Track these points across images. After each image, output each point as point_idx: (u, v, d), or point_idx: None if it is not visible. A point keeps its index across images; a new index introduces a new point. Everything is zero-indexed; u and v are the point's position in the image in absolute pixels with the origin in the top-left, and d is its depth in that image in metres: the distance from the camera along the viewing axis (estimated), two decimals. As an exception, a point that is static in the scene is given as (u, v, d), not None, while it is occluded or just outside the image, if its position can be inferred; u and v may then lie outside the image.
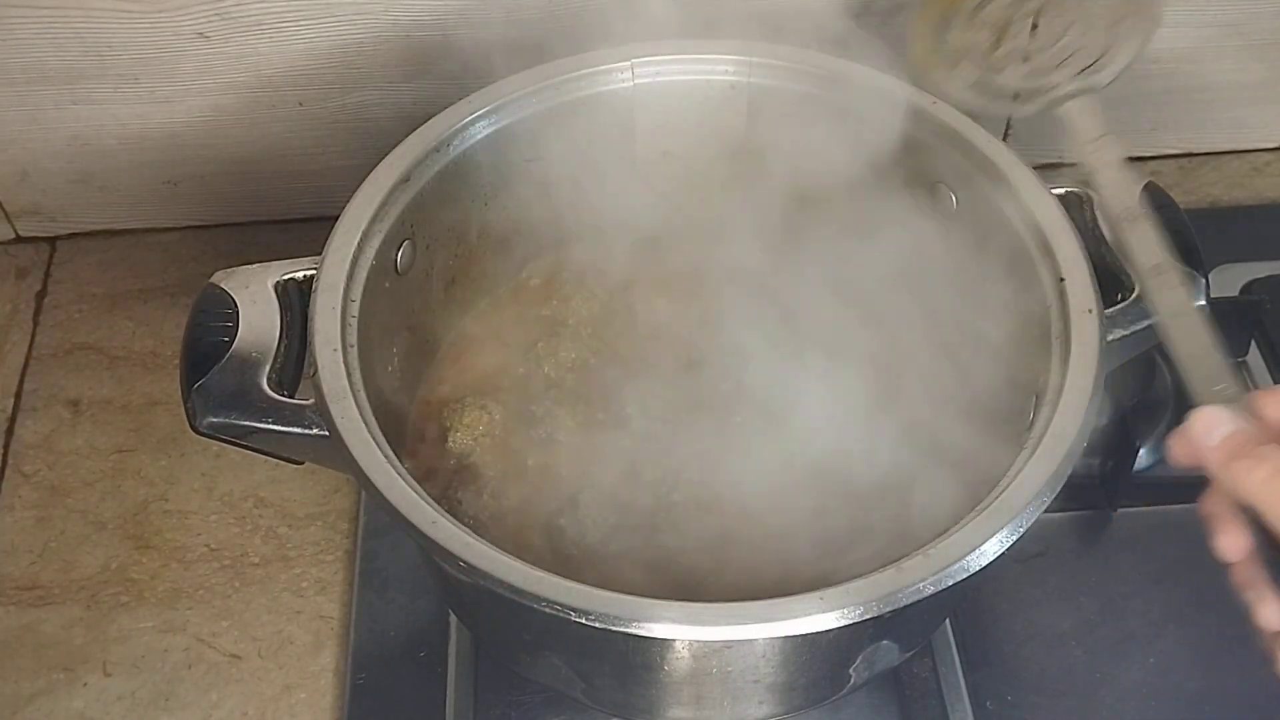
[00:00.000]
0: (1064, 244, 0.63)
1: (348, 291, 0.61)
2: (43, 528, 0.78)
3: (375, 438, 0.57)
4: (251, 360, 0.60)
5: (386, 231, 0.65)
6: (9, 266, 0.91)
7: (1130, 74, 0.88)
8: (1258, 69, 0.90)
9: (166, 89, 0.83)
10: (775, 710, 0.64)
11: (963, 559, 0.52)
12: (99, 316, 0.88)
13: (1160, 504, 0.76)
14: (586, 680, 0.64)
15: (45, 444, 0.82)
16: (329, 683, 0.72)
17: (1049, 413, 0.57)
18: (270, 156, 0.87)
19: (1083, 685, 0.70)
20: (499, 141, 0.69)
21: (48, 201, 0.90)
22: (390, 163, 0.66)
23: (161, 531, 0.78)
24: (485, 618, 0.65)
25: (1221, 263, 0.84)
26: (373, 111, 0.85)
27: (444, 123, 0.68)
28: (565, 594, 0.52)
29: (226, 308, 0.62)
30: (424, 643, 0.72)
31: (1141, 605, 0.73)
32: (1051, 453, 0.56)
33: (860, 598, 0.51)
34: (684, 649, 0.55)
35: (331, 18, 0.79)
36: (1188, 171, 0.95)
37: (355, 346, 0.60)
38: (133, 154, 0.87)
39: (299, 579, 0.76)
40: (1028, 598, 0.73)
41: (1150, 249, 0.58)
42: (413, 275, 0.68)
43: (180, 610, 0.75)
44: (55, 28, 0.78)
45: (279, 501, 0.79)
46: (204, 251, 0.91)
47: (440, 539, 0.53)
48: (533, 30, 0.77)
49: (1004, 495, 0.54)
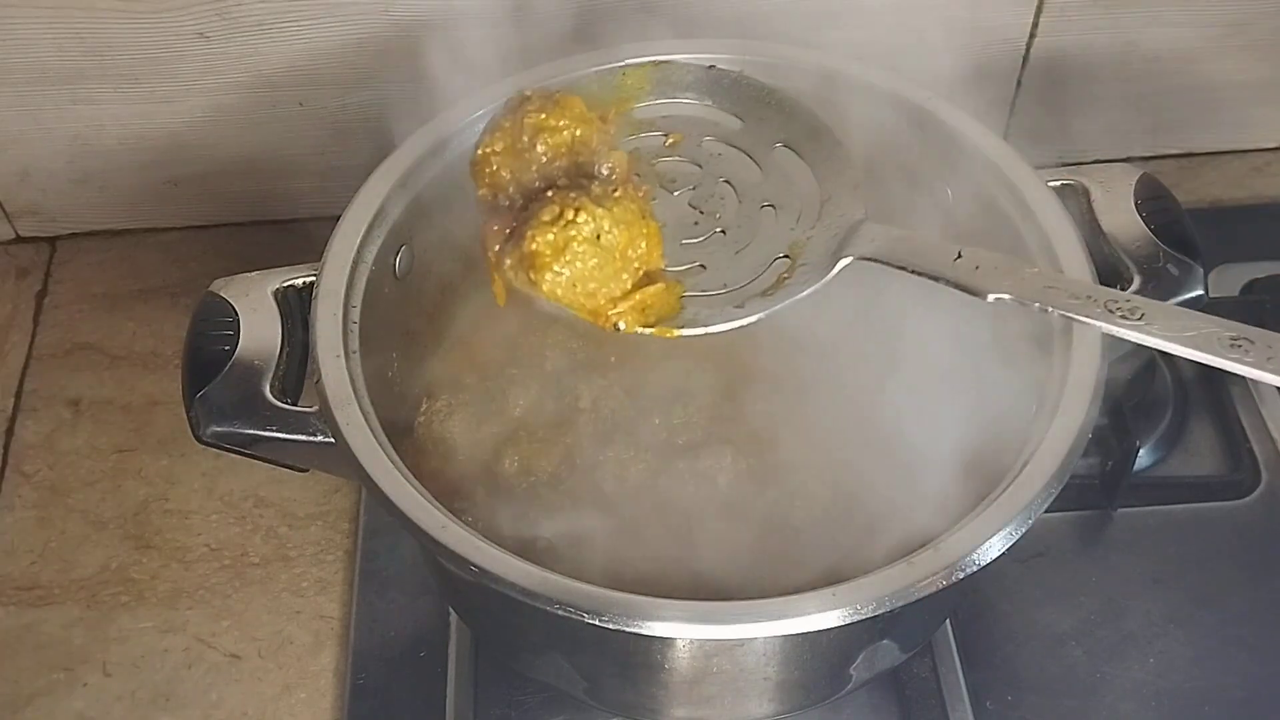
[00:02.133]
0: (1062, 237, 0.63)
1: (348, 297, 0.62)
2: (43, 528, 0.78)
3: (380, 443, 0.57)
4: (253, 368, 0.61)
5: (385, 236, 0.65)
6: (9, 266, 0.91)
7: (1131, 74, 0.89)
8: (1259, 69, 0.90)
9: (167, 89, 0.83)
10: (777, 709, 0.64)
11: (972, 552, 0.53)
12: (99, 316, 0.88)
13: (1160, 504, 0.77)
14: (590, 679, 0.64)
15: (45, 444, 0.82)
16: (329, 683, 0.72)
17: (1051, 408, 0.57)
18: (270, 156, 0.87)
19: (1083, 685, 0.70)
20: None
21: (48, 201, 0.90)
22: (388, 166, 0.66)
23: (162, 531, 0.78)
24: (490, 619, 0.65)
25: (1221, 263, 0.84)
26: (373, 111, 0.85)
27: (442, 125, 0.68)
28: (576, 595, 0.52)
29: (227, 316, 0.62)
30: (424, 643, 0.72)
31: (1141, 605, 0.73)
32: (1058, 442, 0.56)
33: (873, 593, 0.52)
34: (694, 647, 0.55)
35: (332, 17, 0.79)
36: (1188, 171, 0.95)
37: (357, 353, 0.60)
38: (133, 154, 0.87)
39: (299, 579, 0.76)
40: (1028, 598, 0.73)
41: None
42: (411, 280, 0.68)
43: (180, 610, 0.75)
44: (56, 28, 0.78)
45: (279, 501, 0.79)
46: (204, 251, 0.91)
47: (450, 543, 0.54)
48: (532, 30, 0.77)
49: (1010, 490, 0.55)
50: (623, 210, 0.60)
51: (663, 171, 0.65)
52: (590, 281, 0.59)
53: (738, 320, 0.59)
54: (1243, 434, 0.78)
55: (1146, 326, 0.52)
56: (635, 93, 0.68)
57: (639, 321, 0.60)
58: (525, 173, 0.62)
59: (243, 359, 0.61)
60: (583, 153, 0.63)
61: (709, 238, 0.63)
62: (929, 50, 0.83)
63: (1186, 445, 0.79)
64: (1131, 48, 0.87)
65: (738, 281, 0.61)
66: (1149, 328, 0.52)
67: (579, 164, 0.63)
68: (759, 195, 0.64)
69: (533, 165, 0.62)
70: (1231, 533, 0.76)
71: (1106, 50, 0.87)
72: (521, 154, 0.62)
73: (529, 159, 0.62)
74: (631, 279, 0.60)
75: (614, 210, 0.60)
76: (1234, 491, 0.77)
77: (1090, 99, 0.90)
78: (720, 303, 0.60)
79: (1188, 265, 0.64)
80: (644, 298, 0.60)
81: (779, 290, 0.60)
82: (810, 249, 0.61)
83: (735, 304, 0.60)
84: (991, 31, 0.85)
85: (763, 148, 0.65)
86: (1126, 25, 0.86)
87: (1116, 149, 0.94)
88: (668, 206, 0.63)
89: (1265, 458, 0.78)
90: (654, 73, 0.68)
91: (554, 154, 0.62)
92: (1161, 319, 0.52)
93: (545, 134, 0.62)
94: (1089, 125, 0.92)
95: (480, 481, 0.67)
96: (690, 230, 0.63)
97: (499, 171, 0.62)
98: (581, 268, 0.59)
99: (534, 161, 0.62)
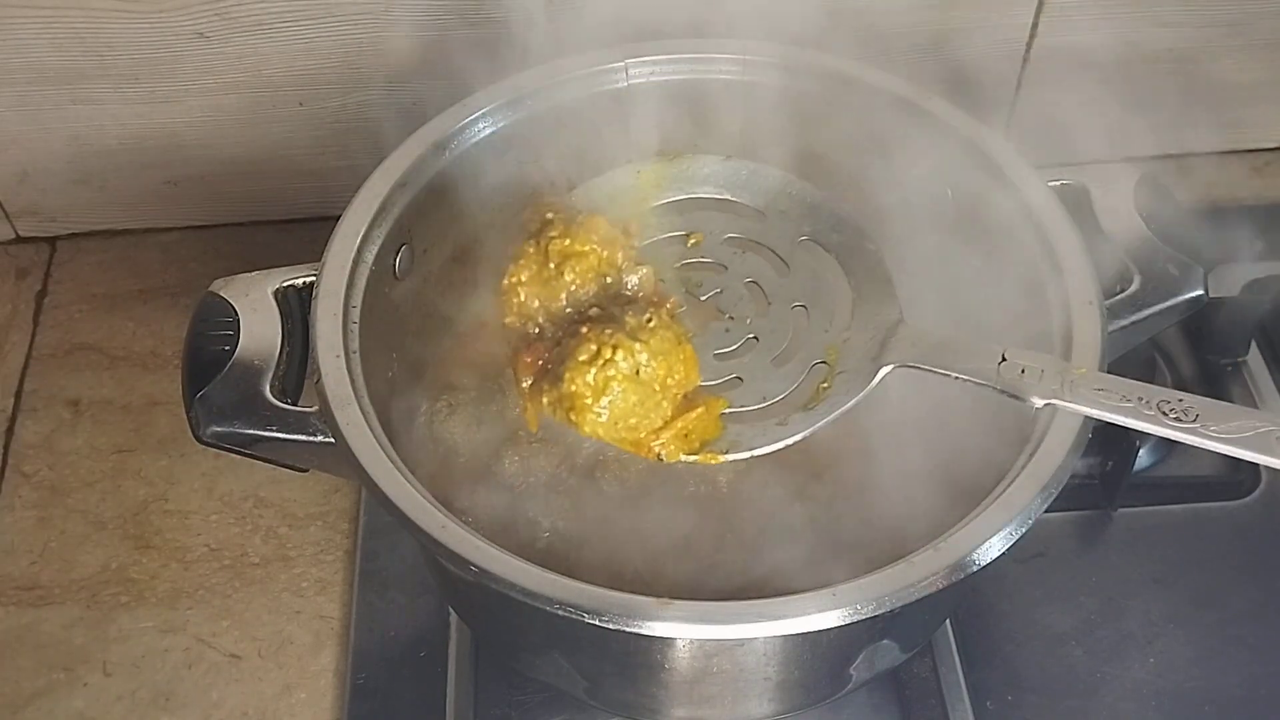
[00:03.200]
0: (1063, 236, 0.63)
1: (348, 297, 0.61)
2: (43, 528, 0.78)
3: (381, 443, 0.57)
4: (253, 368, 0.61)
5: (385, 236, 0.65)
6: (9, 266, 0.91)
7: (1131, 74, 0.89)
8: (1258, 69, 0.90)
9: (167, 89, 0.83)
10: (777, 709, 0.64)
11: (972, 552, 0.53)
12: (99, 316, 0.88)
13: (1160, 504, 0.77)
14: (590, 679, 0.64)
15: (45, 444, 0.82)
16: (329, 683, 0.72)
17: (1052, 407, 0.57)
18: (270, 156, 0.87)
19: (1083, 685, 0.70)
20: (496, 143, 0.69)
21: (48, 201, 0.90)
22: (388, 166, 0.66)
23: (161, 531, 0.78)
24: (490, 619, 0.65)
25: (1221, 263, 0.84)
26: (373, 111, 0.85)
27: (442, 125, 0.68)
28: (576, 595, 0.52)
29: (227, 316, 0.62)
30: (424, 643, 0.72)
31: (1141, 605, 0.73)
32: (1058, 442, 0.56)
33: (873, 593, 0.52)
34: (694, 647, 0.55)
35: (332, 18, 0.79)
36: (1188, 171, 0.95)
37: (358, 352, 0.60)
38: (133, 154, 0.87)
39: (299, 579, 0.76)
40: (1028, 598, 0.73)
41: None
42: (411, 279, 0.68)
43: (180, 610, 0.75)
44: (55, 28, 0.78)
45: (279, 501, 0.79)
46: (204, 251, 0.91)
47: (450, 543, 0.54)
48: (533, 31, 0.77)
49: (1010, 490, 0.55)
50: (659, 340, 0.59)
51: (687, 276, 0.65)
52: (631, 417, 0.59)
53: (782, 441, 0.59)
54: (1243, 434, 0.78)
55: (1203, 430, 0.52)
56: (652, 191, 0.68)
57: (683, 449, 0.59)
58: (554, 301, 0.62)
59: (243, 359, 0.61)
60: (610, 273, 0.63)
61: (742, 345, 0.62)
62: (929, 49, 0.84)
63: (1186, 445, 0.79)
64: (1131, 48, 0.87)
65: (776, 394, 0.60)
66: (1205, 430, 0.52)
67: (607, 285, 0.62)
68: (788, 295, 0.63)
69: (561, 293, 0.62)
70: (1231, 533, 0.76)
71: (1106, 50, 0.87)
72: (549, 282, 0.62)
73: (557, 287, 0.62)
74: (671, 406, 0.60)
75: (651, 342, 0.59)
76: (1234, 491, 0.77)
77: (1090, 99, 0.90)
78: (762, 420, 0.60)
79: (1188, 265, 0.64)
80: (685, 424, 0.60)
81: (820, 403, 0.59)
82: (848, 354, 0.60)
83: (778, 421, 0.59)
84: (991, 31, 0.85)
85: (787, 243, 0.65)
86: (1126, 25, 0.86)
87: (1116, 149, 0.94)
88: (696, 314, 0.63)
89: (1265, 458, 0.78)
90: (669, 168, 0.68)
91: (582, 280, 0.62)
92: (1217, 419, 0.52)
93: (572, 260, 0.62)
94: (1089, 125, 0.92)
95: (480, 481, 0.67)
96: (722, 339, 0.62)
97: (527, 301, 0.62)
98: (622, 405, 0.58)
99: (563, 289, 0.62)
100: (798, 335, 0.62)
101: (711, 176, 0.68)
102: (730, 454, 0.59)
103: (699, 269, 0.65)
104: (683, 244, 0.66)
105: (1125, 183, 0.67)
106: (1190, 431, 0.53)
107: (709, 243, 0.66)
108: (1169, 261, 0.64)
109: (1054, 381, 0.55)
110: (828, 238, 0.64)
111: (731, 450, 0.59)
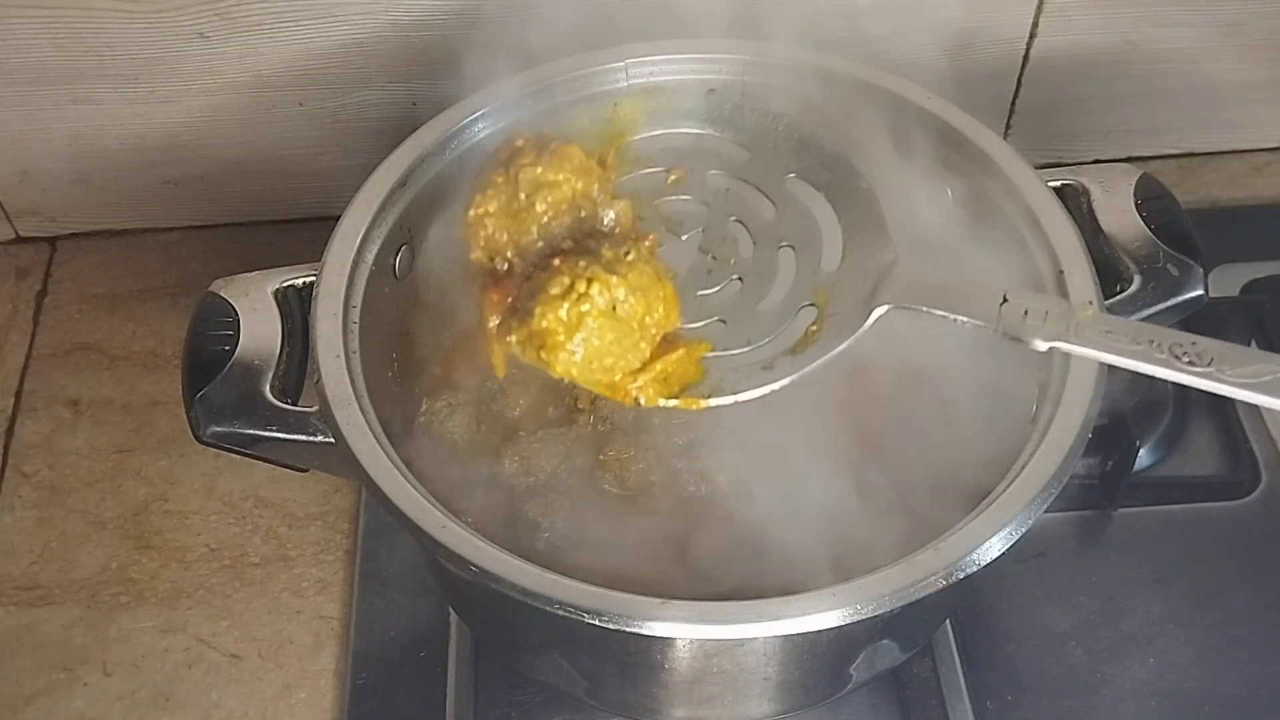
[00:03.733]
0: (1062, 236, 0.63)
1: (348, 297, 0.62)
2: (43, 528, 0.78)
3: (381, 443, 0.57)
4: (253, 368, 0.61)
5: (385, 236, 0.65)
6: (9, 266, 0.91)
7: (1131, 74, 0.89)
8: (1258, 69, 0.90)
9: (166, 89, 0.83)
10: (777, 709, 0.64)
11: (972, 552, 0.53)
12: (99, 316, 0.88)
13: (1160, 504, 0.77)
14: (590, 679, 0.64)
15: (45, 444, 0.82)
16: (329, 683, 0.72)
17: (1052, 407, 0.57)
18: (270, 156, 0.87)
19: (1083, 685, 0.70)
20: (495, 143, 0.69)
21: (48, 201, 0.90)
22: (388, 166, 0.66)
23: (161, 531, 0.78)
24: (490, 619, 0.65)
25: (1221, 263, 0.84)
26: (373, 111, 0.85)
27: (442, 124, 0.68)
28: (576, 595, 0.52)
29: (227, 316, 0.62)
30: (424, 643, 0.72)
31: (1141, 605, 0.73)
32: (1058, 442, 0.56)
33: (873, 593, 0.52)
34: (695, 647, 0.55)
35: (331, 18, 0.79)
36: (1188, 171, 0.95)
37: (357, 353, 0.60)
38: (133, 154, 0.87)
39: (299, 579, 0.76)
40: (1028, 598, 0.73)
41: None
42: (411, 280, 0.68)
43: (180, 610, 0.75)
44: (55, 28, 0.78)
45: (279, 501, 0.79)
46: (204, 251, 0.91)
47: (450, 543, 0.54)
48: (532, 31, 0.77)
49: (1010, 490, 0.55)
50: (638, 275, 0.55)
51: (668, 213, 0.60)
52: (607, 357, 0.55)
53: (767, 385, 0.55)
54: (1242, 434, 0.78)
55: (1217, 374, 0.48)
56: (630, 125, 0.64)
57: (661, 393, 0.55)
58: (524, 234, 0.57)
59: (243, 359, 0.61)
60: (584, 206, 0.58)
61: (725, 286, 0.58)
62: (929, 50, 0.83)
63: (1186, 445, 0.79)
64: (1131, 48, 0.87)
65: (761, 336, 0.56)
66: (1220, 375, 0.48)
67: (582, 219, 0.58)
68: (775, 235, 0.59)
69: (532, 225, 0.57)
70: (1231, 533, 0.76)
71: (1106, 50, 0.87)
72: (519, 214, 0.57)
73: (527, 219, 0.57)
74: (650, 347, 0.56)
75: (629, 277, 0.55)
76: (1234, 491, 0.77)
77: (1090, 99, 0.90)
78: (746, 364, 0.56)
79: (1188, 265, 0.64)
80: (664, 367, 0.56)
81: (809, 346, 0.55)
82: (839, 296, 0.56)
83: (763, 365, 0.56)
84: (991, 31, 0.85)
85: (774, 180, 0.61)
86: (1126, 25, 0.86)
87: (1116, 149, 0.94)
88: (677, 253, 0.59)
89: (1265, 458, 0.78)
90: (647, 101, 0.64)
91: (555, 212, 0.57)
92: (1233, 363, 0.48)
93: (544, 190, 0.57)
94: (1089, 125, 0.92)
95: (480, 481, 0.67)
96: (704, 280, 0.58)
97: (495, 234, 0.58)
98: (598, 344, 0.54)
99: (533, 221, 0.57)
100: (785, 277, 0.58)
101: (693, 111, 0.64)
102: (713, 399, 0.55)
103: (680, 206, 0.60)
104: (663, 180, 0.61)
105: (1125, 183, 0.67)
106: (1205, 376, 0.49)
107: (691, 179, 0.61)
108: (1169, 261, 0.64)
109: (1059, 324, 0.52)
110: (817, 175, 0.60)
111: (714, 395, 0.55)
